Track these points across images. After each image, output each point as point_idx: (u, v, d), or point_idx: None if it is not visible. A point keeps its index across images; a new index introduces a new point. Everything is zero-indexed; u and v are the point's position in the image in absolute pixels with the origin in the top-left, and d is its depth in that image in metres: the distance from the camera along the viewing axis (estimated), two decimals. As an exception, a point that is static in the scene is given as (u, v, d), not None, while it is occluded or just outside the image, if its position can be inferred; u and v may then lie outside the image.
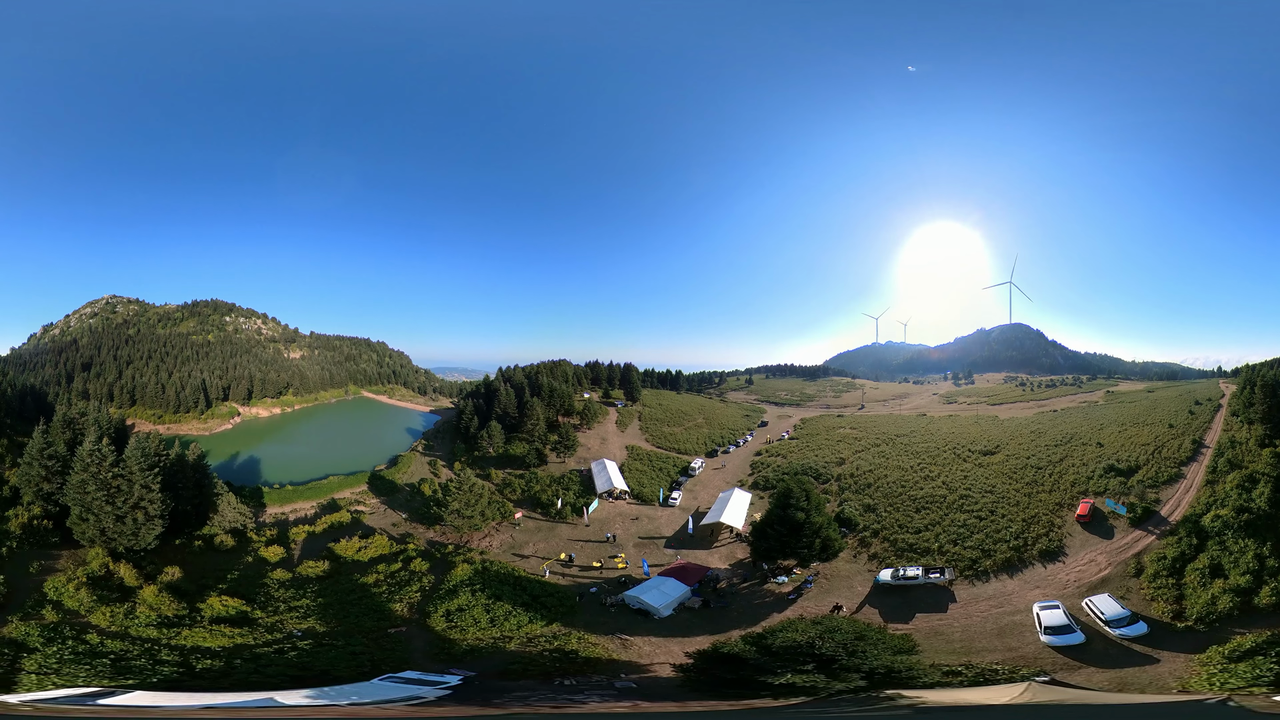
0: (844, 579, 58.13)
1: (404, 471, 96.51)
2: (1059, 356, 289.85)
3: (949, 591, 52.61)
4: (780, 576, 58.08)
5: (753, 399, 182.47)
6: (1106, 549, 55.29)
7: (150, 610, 43.22)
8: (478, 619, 48.28)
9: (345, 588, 54.89)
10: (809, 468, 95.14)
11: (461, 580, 55.17)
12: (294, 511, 76.54)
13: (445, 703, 32.47)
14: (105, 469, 49.38)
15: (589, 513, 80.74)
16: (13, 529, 51.33)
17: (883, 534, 66.10)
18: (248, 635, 42.34)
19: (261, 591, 51.15)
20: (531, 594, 53.98)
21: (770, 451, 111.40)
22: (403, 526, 74.86)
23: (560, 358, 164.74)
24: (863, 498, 78.74)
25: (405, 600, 52.58)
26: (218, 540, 60.13)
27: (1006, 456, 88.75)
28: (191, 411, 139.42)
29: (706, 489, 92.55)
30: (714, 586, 58.88)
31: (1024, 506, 67.20)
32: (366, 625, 48.07)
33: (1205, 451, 75.91)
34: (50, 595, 43.58)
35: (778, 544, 56.82)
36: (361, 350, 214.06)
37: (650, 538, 74.08)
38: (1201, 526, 50.13)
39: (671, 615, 51.47)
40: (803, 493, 58.66)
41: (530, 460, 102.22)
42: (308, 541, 65.60)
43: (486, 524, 74.34)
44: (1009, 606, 48.47)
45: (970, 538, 60.99)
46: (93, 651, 36.70)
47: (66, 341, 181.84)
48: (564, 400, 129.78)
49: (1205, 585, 42.78)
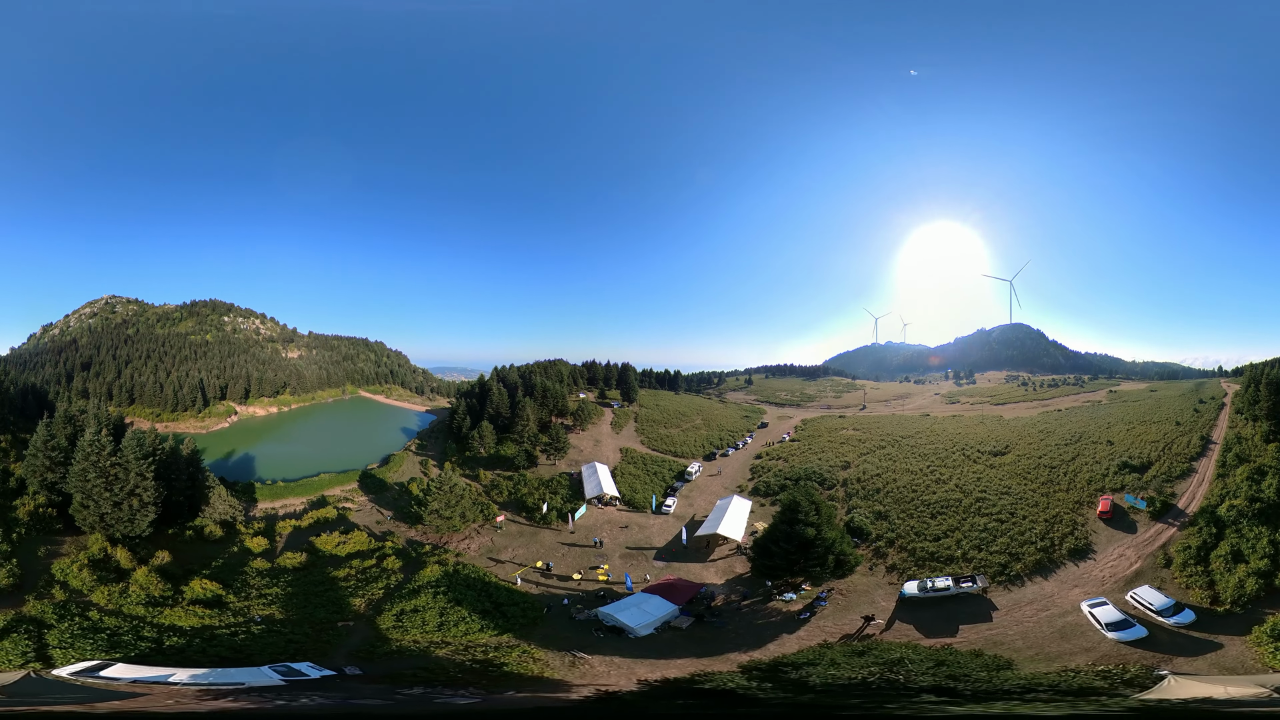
0: (862, 594, 55.82)
1: (395, 471, 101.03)
2: (1060, 356, 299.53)
3: (986, 600, 51.57)
4: (788, 593, 55.38)
5: (752, 399, 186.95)
6: (1133, 543, 57.96)
7: (141, 590, 48.72)
8: (426, 622, 49.08)
9: (316, 580, 57.94)
10: (812, 472, 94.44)
11: (428, 581, 56.51)
12: (284, 507, 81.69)
13: (294, 693, 33.23)
14: (104, 458, 55.41)
15: (575, 519, 79.91)
16: (20, 516, 57.59)
17: (898, 543, 65.29)
18: (216, 617, 47.21)
19: (239, 578, 55.57)
20: (495, 601, 54.02)
21: (771, 454, 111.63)
22: (386, 524, 78.04)
23: (558, 358, 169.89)
24: (872, 504, 78.02)
25: (367, 596, 54.82)
26: (207, 531, 65.57)
27: (1018, 457, 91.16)
28: (189, 410, 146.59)
29: (703, 495, 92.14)
30: (707, 604, 55.84)
31: (1043, 507, 68.65)
32: (319, 616, 50.73)
33: (1213, 447, 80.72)
34: (57, 576, 49.35)
35: (784, 562, 53.91)
36: (359, 350, 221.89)
37: (639, 548, 72.52)
38: (1218, 516, 54.21)
39: (651, 635, 48.59)
40: (811, 505, 55.65)
41: (519, 462, 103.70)
42: (293, 535, 70.32)
43: (467, 525, 75.58)
44: (1055, 608, 48.58)
45: (994, 542, 61.19)
46: (94, 627, 42.33)
47: (66, 341, 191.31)
48: (557, 400, 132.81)
49: (1230, 571, 46.27)
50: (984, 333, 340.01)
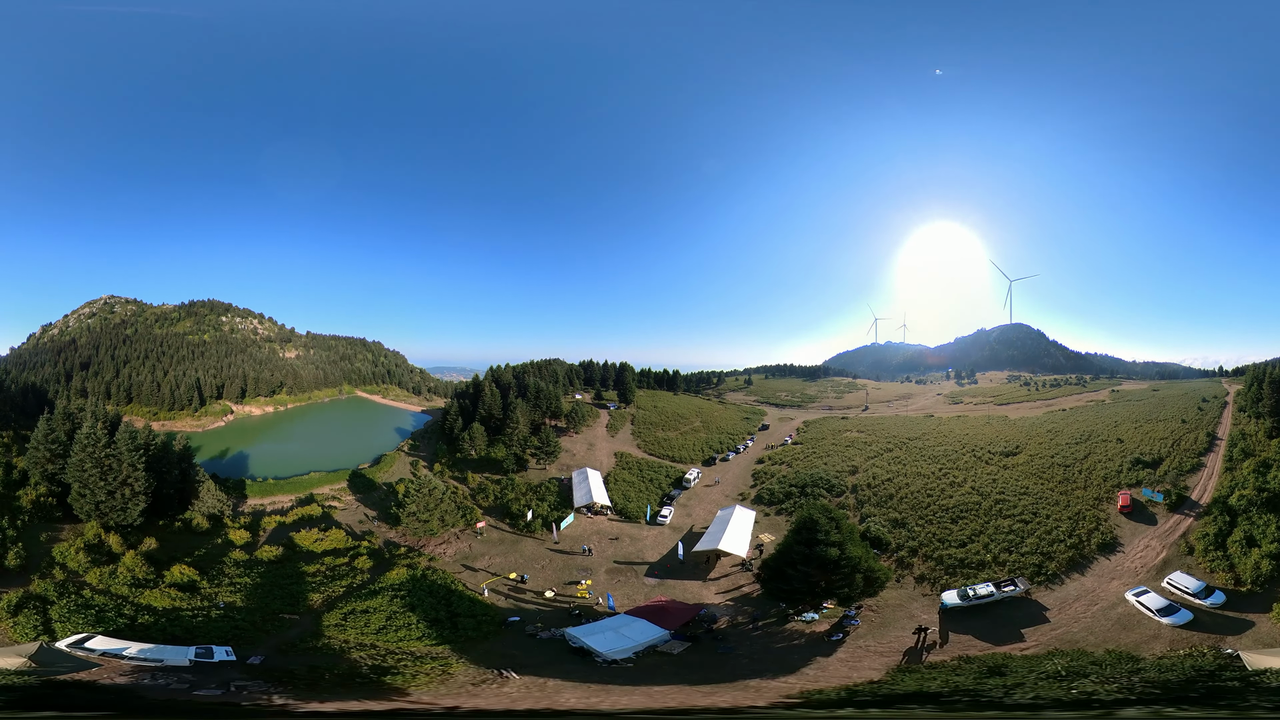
0: (895, 608, 55.99)
1: (385, 471, 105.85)
2: (1060, 356, 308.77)
3: (1033, 601, 53.48)
4: (808, 613, 54.44)
5: (752, 400, 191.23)
6: (1155, 534, 62.91)
7: (127, 572, 55.64)
8: (370, 624, 51.68)
9: (287, 573, 63.25)
10: (819, 479, 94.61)
11: (391, 584, 59.65)
12: (272, 503, 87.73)
13: (181, 674, 38.91)
14: (99, 449, 62.59)
15: (561, 529, 79.62)
16: (24, 505, 65.11)
17: (922, 551, 66.40)
18: (186, 600, 53.71)
19: (216, 567, 61.83)
20: (452, 610, 55.24)
21: (773, 459, 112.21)
22: (368, 524, 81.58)
23: (555, 357, 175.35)
24: (887, 511, 78.91)
25: (327, 593, 58.68)
26: (195, 523, 72.03)
27: (1030, 457, 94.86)
28: (186, 409, 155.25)
29: (702, 504, 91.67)
30: (708, 627, 54.17)
31: (1064, 505, 72.26)
32: (273, 608, 55.09)
33: (1219, 443, 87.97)
34: (58, 559, 56.79)
35: (804, 586, 52.45)
36: (357, 350, 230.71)
37: (629, 563, 71.13)
38: (1230, 506, 59.89)
39: (632, 661, 45.92)
40: (831, 523, 54.15)
41: (508, 465, 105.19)
42: (276, 530, 76.10)
43: (446, 530, 77.69)
44: (1103, 601, 51.87)
45: (1023, 543, 63.77)
46: (86, 604, 49.19)
47: (65, 341, 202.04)
48: (550, 402, 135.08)
49: (1246, 554, 52.08)
50: (984, 333, 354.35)
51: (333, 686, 39.47)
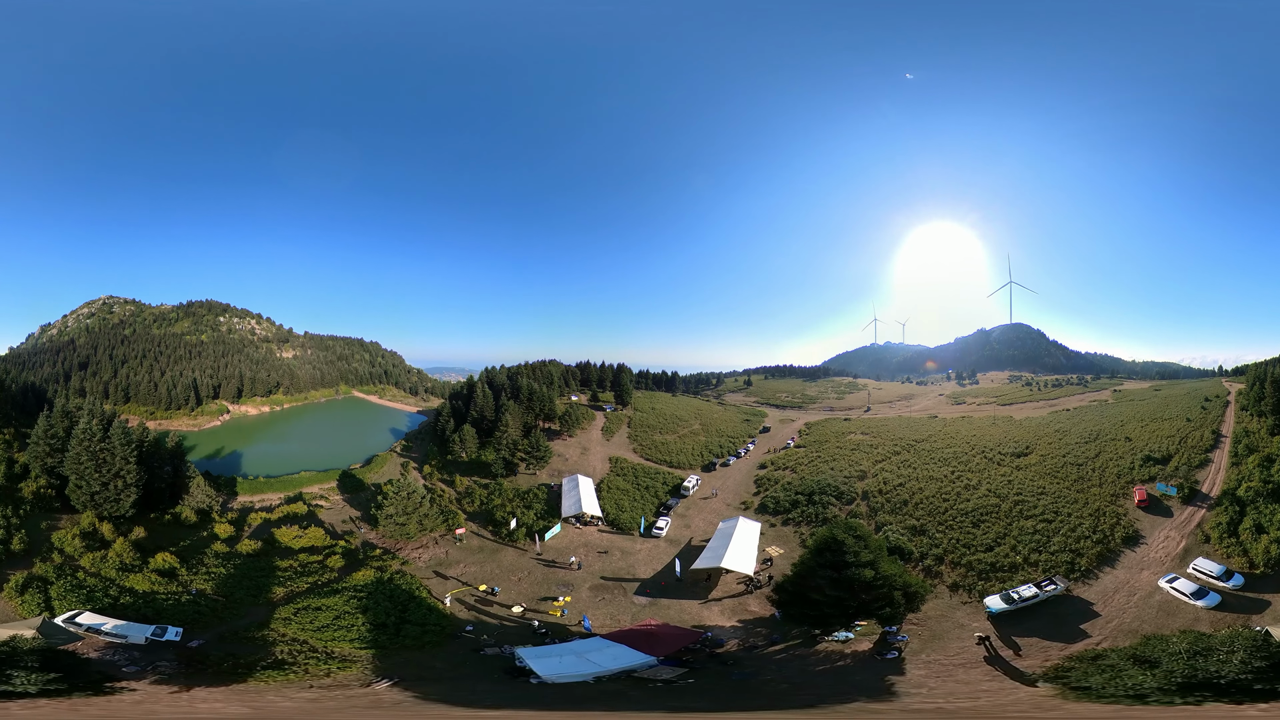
0: (940, 618, 57.42)
1: (375, 472, 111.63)
2: (1061, 356, 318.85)
3: (1075, 598, 57.44)
4: (840, 633, 53.68)
5: (752, 401, 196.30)
6: (1173, 525, 69.28)
7: (117, 557, 63.62)
8: (315, 620, 55.54)
9: (261, 567, 69.00)
10: (827, 485, 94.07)
11: (354, 584, 63.82)
12: (261, 501, 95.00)
13: (131, 651, 47.37)
14: (95, 443, 70.58)
15: (545, 539, 79.54)
16: (26, 495, 73.34)
17: (948, 558, 68.24)
18: (163, 585, 61.27)
19: (197, 557, 69.12)
20: (403, 617, 57.31)
21: (776, 464, 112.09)
22: (350, 524, 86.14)
23: (552, 358, 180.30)
24: (903, 518, 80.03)
25: (291, 588, 64.01)
26: (184, 516, 79.71)
27: (1041, 457, 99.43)
28: (183, 409, 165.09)
29: (701, 514, 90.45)
30: (711, 650, 52.00)
31: (1083, 503, 77.34)
32: (237, 596, 61.52)
33: (1224, 440, 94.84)
34: (56, 544, 64.99)
35: (835, 610, 51.33)
36: (354, 350, 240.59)
37: (617, 579, 69.44)
38: (1239, 497, 67.23)
39: (583, 685, 42.62)
40: (859, 542, 53.72)
41: (497, 470, 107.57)
42: (260, 526, 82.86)
43: (424, 534, 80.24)
44: (1140, 591, 57.23)
45: (1050, 542, 67.76)
46: (79, 584, 57.49)
47: (64, 341, 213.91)
48: (544, 404, 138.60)
49: (1256, 540, 59.05)
50: (984, 333, 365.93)
51: (222, 675, 43.65)
